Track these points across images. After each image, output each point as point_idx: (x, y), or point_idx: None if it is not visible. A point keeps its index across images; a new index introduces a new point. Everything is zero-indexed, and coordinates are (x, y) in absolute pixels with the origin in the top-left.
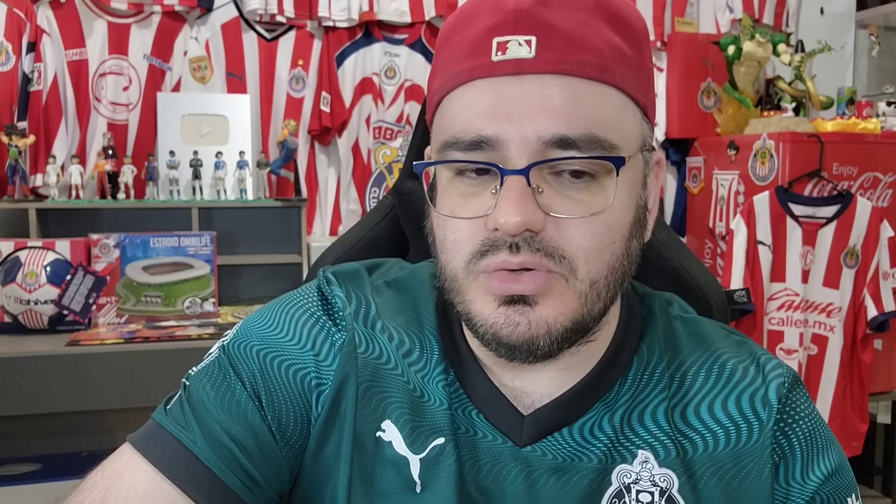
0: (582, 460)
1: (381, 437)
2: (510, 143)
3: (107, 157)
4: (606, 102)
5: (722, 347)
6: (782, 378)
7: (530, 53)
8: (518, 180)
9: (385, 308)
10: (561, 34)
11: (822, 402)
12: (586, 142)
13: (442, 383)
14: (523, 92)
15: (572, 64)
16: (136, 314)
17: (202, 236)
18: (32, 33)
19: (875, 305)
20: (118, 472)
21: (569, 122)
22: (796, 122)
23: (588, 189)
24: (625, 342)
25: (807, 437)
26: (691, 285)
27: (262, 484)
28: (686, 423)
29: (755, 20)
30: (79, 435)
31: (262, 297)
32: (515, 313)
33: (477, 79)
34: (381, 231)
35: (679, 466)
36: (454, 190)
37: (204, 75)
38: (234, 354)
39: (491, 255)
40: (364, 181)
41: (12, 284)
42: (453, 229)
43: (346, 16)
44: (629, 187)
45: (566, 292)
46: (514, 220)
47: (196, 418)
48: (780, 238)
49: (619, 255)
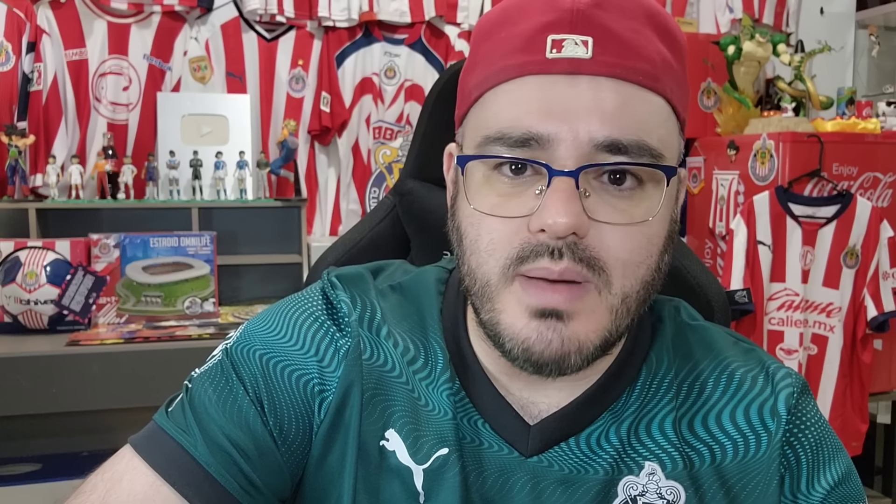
0: (588, 471)
1: (384, 447)
2: (561, 143)
3: (107, 157)
4: (655, 111)
5: (730, 356)
6: (791, 388)
7: (587, 54)
8: (567, 181)
9: (390, 313)
10: (617, 38)
11: (822, 402)
12: (636, 148)
13: (447, 392)
14: (577, 92)
15: (627, 69)
16: (136, 314)
17: (202, 236)
18: (32, 33)
19: (875, 305)
20: (118, 475)
21: (621, 127)
22: (796, 122)
23: (631, 198)
24: (634, 351)
25: (813, 448)
26: (692, 285)
27: (263, 489)
28: (693, 435)
29: (755, 20)
30: (79, 435)
31: (262, 297)
32: (548, 329)
33: (528, 75)
34: (381, 231)
35: (686, 479)
36: (491, 189)
37: (204, 75)
38: (237, 358)
39: (531, 261)
40: (364, 181)
41: (12, 284)
42: (489, 230)
43: (346, 16)
44: (670, 200)
45: (598, 307)
46: (563, 221)
47: (197, 422)
48: (780, 238)
49: (653, 269)
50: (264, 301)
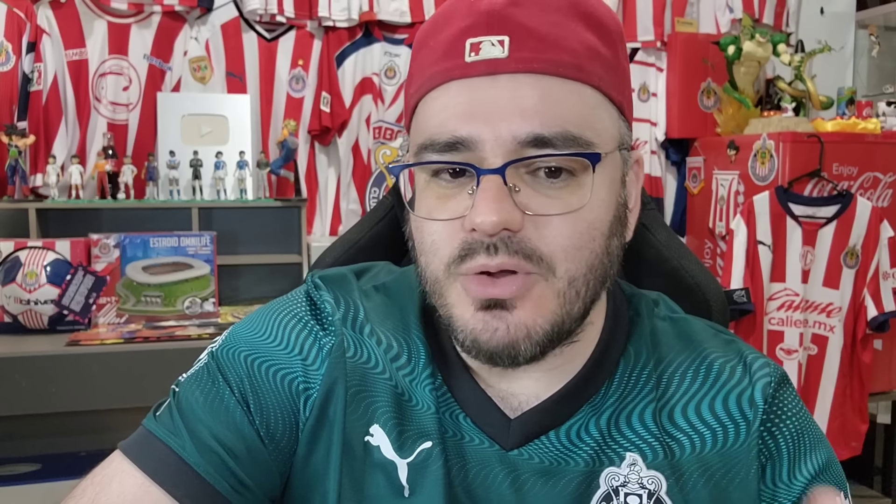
0: (569, 463)
1: (369, 442)
2: (485, 143)
3: (107, 157)
4: (581, 101)
5: (709, 347)
6: (769, 378)
7: (503, 53)
8: (494, 180)
9: (373, 312)
10: (534, 34)
11: (822, 402)
12: (562, 140)
13: (429, 387)
14: (497, 92)
15: (546, 63)
16: (136, 314)
17: (202, 236)
18: (32, 33)
19: (875, 305)
20: (108, 478)
21: (543, 121)
22: (796, 122)
23: (567, 187)
24: (611, 343)
25: (794, 437)
26: (691, 285)
27: (252, 488)
28: (673, 425)
29: (755, 20)
30: (79, 435)
31: (262, 297)
32: (493, 318)
33: (451, 80)
34: (381, 231)
35: (667, 468)
36: (431, 193)
37: (204, 75)
38: (223, 360)
39: (469, 260)
40: (364, 181)
41: (12, 284)
42: (430, 232)
43: (346, 16)
44: (607, 185)
45: (545, 293)
46: (491, 219)
47: (185, 423)
48: (780, 238)
49: (599, 253)
50: (264, 301)
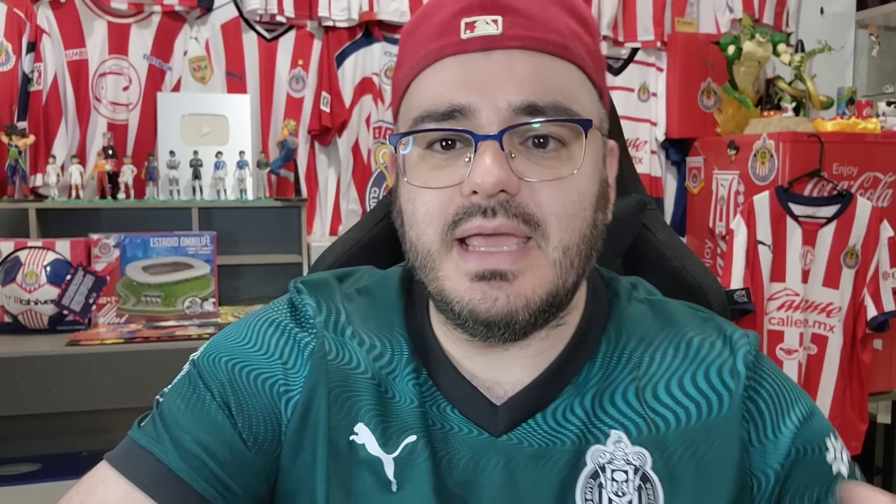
0: (556, 444)
1: (354, 441)
2: (482, 111)
3: (107, 157)
4: (569, 77)
5: (688, 326)
6: (748, 346)
7: (498, 30)
8: (492, 145)
9: (356, 314)
10: (525, 14)
11: (822, 402)
12: (553, 109)
13: (412, 382)
14: (492, 65)
15: (537, 41)
16: (136, 314)
17: (202, 236)
18: (32, 33)
19: (875, 305)
20: (92, 487)
21: (536, 91)
22: (796, 122)
23: (557, 157)
24: (591, 326)
25: (772, 396)
26: (692, 285)
27: (237, 491)
28: (657, 401)
29: (755, 20)
30: (79, 435)
31: (262, 297)
32: (492, 288)
33: (447, 56)
34: (380, 231)
35: (651, 444)
36: (425, 165)
37: (204, 75)
38: (204, 367)
39: (465, 222)
40: (364, 181)
41: (12, 284)
42: (424, 202)
43: (346, 16)
44: (593, 158)
45: (542, 262)
46: (490, 179)
47: (167, 431)
48: (780, 238)
49: (589, 223)
50: (264, 301)
